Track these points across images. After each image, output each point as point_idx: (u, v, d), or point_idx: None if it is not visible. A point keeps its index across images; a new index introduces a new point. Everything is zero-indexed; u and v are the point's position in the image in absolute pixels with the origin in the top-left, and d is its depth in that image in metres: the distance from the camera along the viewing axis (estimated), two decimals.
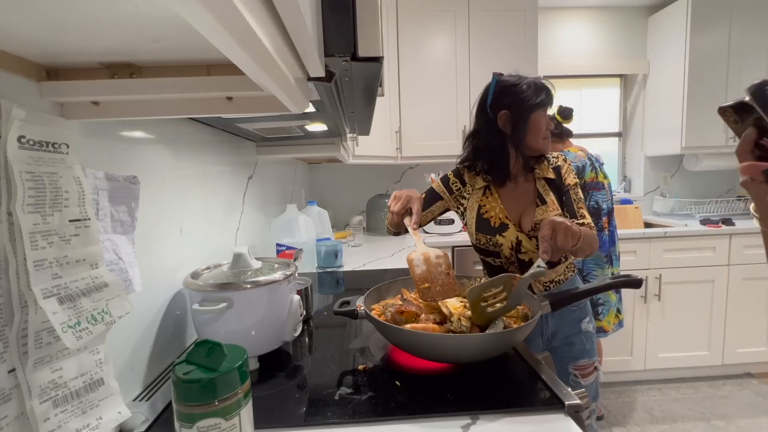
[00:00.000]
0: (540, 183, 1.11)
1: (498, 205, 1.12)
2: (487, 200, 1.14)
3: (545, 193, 1.10)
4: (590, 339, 1.15)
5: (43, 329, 0.41)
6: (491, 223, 1.12)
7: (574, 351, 1.14)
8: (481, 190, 1.15)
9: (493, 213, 1.12)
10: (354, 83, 0.63)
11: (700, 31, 2.44)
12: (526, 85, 1.07)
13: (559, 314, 1.12)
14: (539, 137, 1.08)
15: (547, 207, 1.08)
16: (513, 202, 1.12)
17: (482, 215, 1.13)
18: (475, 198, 1.16)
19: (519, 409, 0.60)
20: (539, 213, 1.07)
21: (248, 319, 0.72)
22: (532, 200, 1.10)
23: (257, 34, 0.28)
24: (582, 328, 1.15)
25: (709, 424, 1.97)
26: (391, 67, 2.33)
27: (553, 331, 1.14)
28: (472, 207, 1.16)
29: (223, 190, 1.10)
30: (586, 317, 1.16)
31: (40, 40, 0.39)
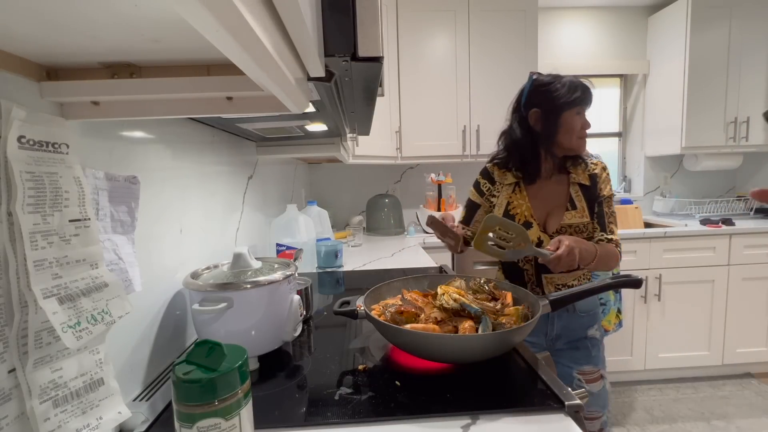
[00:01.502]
0: (573, 187, 1.10)
1: (525, 203, 1.12)
2: (516, 197, 1.14)
3: (577, 198, 1.09)
4: (596, 346, 1.14)
5: (43, 329, 0.41)
6: (516, 220, 1.12)
7: (578, 356, 1.12)
8: (511, 186, 1.16)
9: (519, 210, 1.12)
10: (354, 83, 0.63)
11: (700, 31, 2.44)
12: (561, 83, 1.06)
13: (567, 318, 1.12)
14: (572, 136, 1.07)
15: (577, 213, 1.08)
16: (541, 202, 1.11)
17: (509, 211, 1.14)
18: (505, 194, 1.16)
19: (519, 409, 0.60)
20: (567, 217, 1.07)
21: (248, 319, 0.72)
22: (562, 203, 1.09)
23: (257, 34, 0.28)
24: (588, 334, 1.13)
25: (709, 424, 1.97)
26: (391, 67, 2.33)
27: (558, 333, 1.14)
28: (501, 204, 1.16)
29: (223, 190, 1.10)
30: (594, 324, 1.15)
31: (40, 40, 0.39)
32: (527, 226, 1.10)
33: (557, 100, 1.06)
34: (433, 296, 0.85)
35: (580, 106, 1.07)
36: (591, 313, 1.14)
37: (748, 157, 2.72)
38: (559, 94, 1.06)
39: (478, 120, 2.44)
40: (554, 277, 1.11)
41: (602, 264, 1.01)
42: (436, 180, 2.47)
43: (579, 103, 1.06)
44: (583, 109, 1.08)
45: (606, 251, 1.02)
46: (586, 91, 1.07)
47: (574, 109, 1.07)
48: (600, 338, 1.16)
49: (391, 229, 2.57)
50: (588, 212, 1.08)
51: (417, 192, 2.80)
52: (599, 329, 1.16)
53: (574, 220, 1.07)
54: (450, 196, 2.49)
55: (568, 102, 1.06)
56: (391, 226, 2.58)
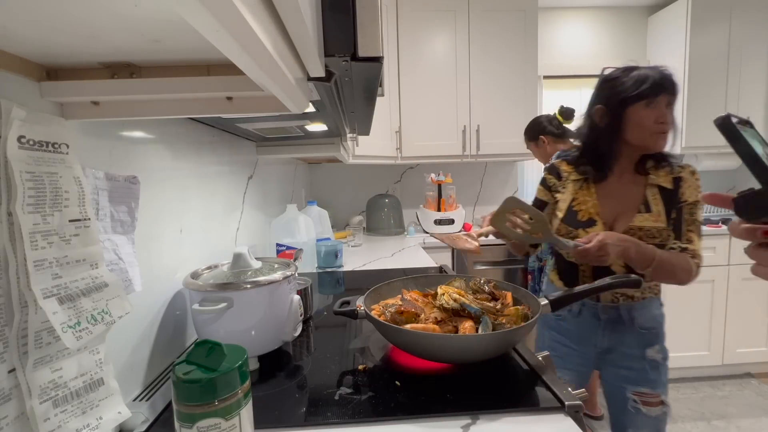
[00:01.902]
0: (651, 189, 1.02)
1: (592, 200, 1.06)
2: (582, 193, 1.08)
3: (654, 201, 1.01)
4: (656, 369, 1.04)
5: (43, 329, 0.41)
6: (578, 216, 1.06)
7: (632, 377, 1.05)
8: (578, 182, 1.10)
9: (584, 207, 1.06)
10: (354, 83, 0.63)
11: (700, 31, 2.44)
12: (628, 76, 0.98)
13: (623, 331, 1.05)
14: (642, 132, 0.98)
15: (651, 216, 0.99)
16: (611, 201, 1.04)
17: (572, 207, 1.08)
18: (570, 190, 1.11)
19: (519, 409, 0.60)
20: (639, 219, 0.99)
21: (248, 319, 0.72)
22: (635, 205, 1.02)
23: (257, 34, 0.28)
24: (647, 355, 1.04)
25: (709, 424, 1.97)
26: (391, 67, 2.33)
27: (608, 346, 1.07)
28: (565, 199, 1.11)
29: (223, 190, 1.10)
30: (655, 345, 1.05)
31: (40, 40, 0.39)
32: (590, 223, 1.04)
33: (620, 95, 0.98)
34: (433, 296, 0.85)
35: (650, 99, 0.96)
36: (653, 331, 1.05)
37: None
38: (624, 87, 0.98)
39: (478, 120, 2.44)
40: None
41: (666, 274, 0.93)
42: (436, 180, 2.47)
43: (647, 95, 0.96)
44: (656, 101, 0.96)
45: (675, 260, 0.94)
46: (658, 81, 0.96)
47: (641, 102, 0.97)
48: (662, 360, 1.05)
49: (391, 229, 2.57)
50: (665, 217, 0.99)
51: (417, 192, 2.80)
52: (662, 351, 1.06)
53: (646, 224, 0.98)
54: (450, 196, 2.49)
55: (632, 96, 0.97)
56: (391, 226, 2.58)
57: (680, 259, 0.95)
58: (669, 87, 0.96)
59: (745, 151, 0.33)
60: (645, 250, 0.92)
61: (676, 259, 0.95)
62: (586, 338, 1.09)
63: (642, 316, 1.05)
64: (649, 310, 1.05)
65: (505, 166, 2.88)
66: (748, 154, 0.33)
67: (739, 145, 0.33)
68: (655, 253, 0.92)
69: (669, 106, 0.97)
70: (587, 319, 1.09)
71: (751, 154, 0.33)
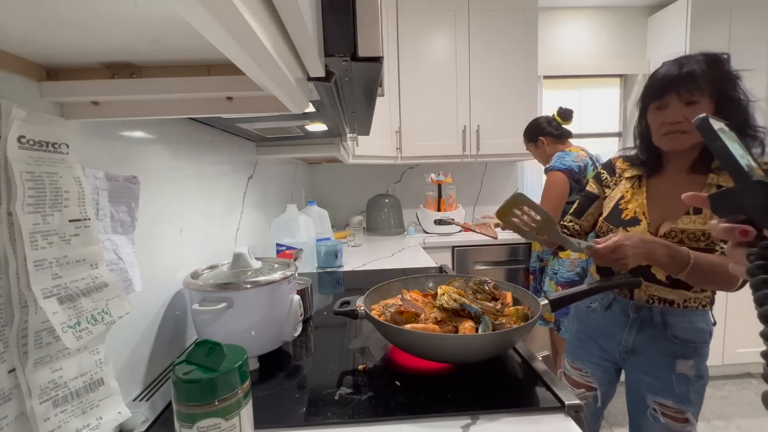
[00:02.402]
0: (709, 190, 0.91)
1: (641, 199, 1.00)
2: (632, 191, 1.02)
3: None
4: (685, 384, 0.95)
5: (43, 329, 0.41)
6: (622, 215, 1.01)
7: (657, 385, 0.97)
8: (632, 180, 1.04)
9: (631, 205, 1.01)
10: (354, 83, 0.63)
11: (700, 31, 2.44)
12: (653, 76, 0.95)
13: (651, 333, 0.98)
14: (656, 134, 0.95)
15: (699, 218, 0.90)
16: (662, 201, 0.97)
17: (618, 205, 1.03)
18: (621, 187, 1.06)
19: (519, 409, 0.60)
20: (684, 221, 0.91)
21: (248, 319, 0.72)
22: (686, 206, 0.93)
23: (257, 34, 0.28)
24: (677, 367, 0.95)
25: (709, 424, 1.97)
26: (391, 67, 2.33)
27: (633, 347, 1.01)
28: (614, 196, 1.06)
29: (223, 190, 1.10)
30: (690, 360, 0.95)
31: (40, 41, 0.39)
32: (634, 222, 0.98)
33: (643, 98, 0.97)
34: (433, 296, 0.85)
35: (656, 101, 0.93)
36: (690, 345, 0.95)
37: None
38: (644, 90, 0.96)
39: (478, 120, 2.44)
40: (651, 287, 0.96)
41: (707, 278, 0.86)
42: (436, 180, 2.47)
43: (652, 98, 0.93)
44: (663, 102, 0.91)
45: (715, 265, 0.84)
46: (664, 81, 0.91)
47: (652, 104, 0.94)
48: (695, 379, 0.95)
49: (391, 229, 2.57)
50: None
51: (417, 192, 2.80)
52: (696, 368, 0.96)
53: (691, 226, 0.90)
54: (450, 196, 2.49)
55: (644, 98, 0.96)
56: (391, 226, 2.58)
57: (723, 262, 0.84)
58: (680, 84, 0.88)
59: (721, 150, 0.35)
60: (676, 253, 0.84)
61: (719, 263, 0.84)
62: (611, 334, 1.05)
63: (679, 324, 0.96)
64: (689, 320, 0.96)
65: (505, 166, 2.88)
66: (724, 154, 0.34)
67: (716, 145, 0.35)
68: (689, 256, 0.84)
69: (690, 104, 0.88)
70: (616, 315, 1.04)
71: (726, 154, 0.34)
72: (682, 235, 0.91)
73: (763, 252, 0.34)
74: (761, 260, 0.34)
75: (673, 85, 0.89)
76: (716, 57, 0.91)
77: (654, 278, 0.96)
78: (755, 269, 0.34)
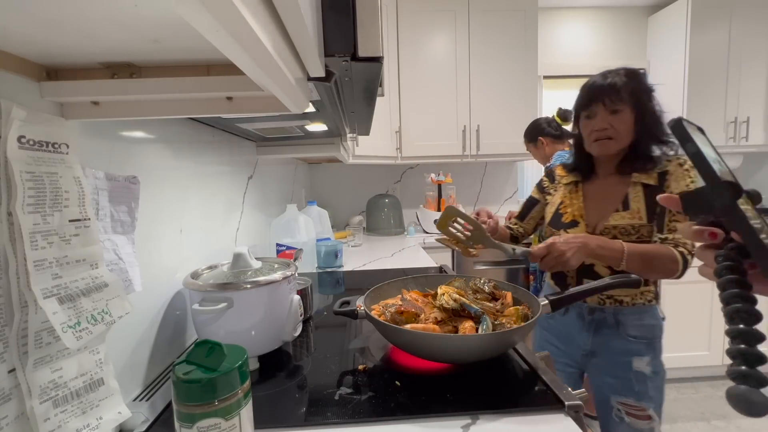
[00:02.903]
0: (634, 187, 1.00)
1: (578, 203, 1.08)
2: (570, 196, 1.11)
3: (635, 199, 0.99)
4: (643, 382, 0.99)
5: (43, 329, 0.41)
6: (563, 218, 1.09)
7: (617, 384, 1.01)
8: (570, 186, 1.13)
9: (570, 209, 1.09)
10: (354, 83, 0.63)
11: (700, 31, 2.44)
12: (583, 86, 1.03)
13: (608, 335, 1.03)
14: (587, 141, 1.04)
15: (628, 214, 0.99)
16: (596, 202, 1.06)
17: (559, 210, 1.12)
18: (560, 193, 1.14)
19: (519, 409, 0.60)
20: (615, 218, 1.00)
21: (248, 319, 0.72)
22: (616, 204, 1.01)
23: (257, 34, 0.28)
24: (634, 365, 1.00)
25: (709, 424, 1.97)
26: (391, 67, 2.33)
27: (593, 349, 1.05)
28: (554, 202, 1.15)
29: (223, 190, 1.10)
30: (645, 356, 1.00)
31: (40, 41, 0.39)
32: (573, 225, 1.06)
33: (574, 108, 1.06)
34: (433, 296, 0.85)
35: (585, 110, 1.02)
36: (643, 341, 1.00)
37: (748, 157, 2.72)
38: (576, 99, 1.05)
39: (478, 120, 2.44)
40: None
41: (645, 266, 0.91)
42: (436, 180, 2.47)
43: (582, 107, 1.02)
44: (592, 111, 1.00)
45: (652, 251, 0.91)
46: (590, 92, 0.99)
47: (582, 114, 1.03)
48: (653, 375, 0.99)
49: (391, 229, 2.57)
50: (645, 214, 0.97)
51: (417, 192, 2.80)
52: (653, 364, 1.00)
53: (621, 222, 0.98)
54: (450, 196, 2.49)
55: (576, 108, 1.05)
56: (391, 226, 2.58)
57: (658, 248, 0.92)
58: (604, 94, 0.97)
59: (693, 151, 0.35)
60: (608, 242, 0.92)
61: (654, 250, 0.92)
62: (571, 338, 1.09)
63: (630, 322, 1.01)
64: (640, 318, 1.01)
65: (505, 166, 2.88)
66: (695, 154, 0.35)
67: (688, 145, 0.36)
68: (622, 246, 0.91)
69: (614, 113, 0.97)
70: (572, 319, 1.09)
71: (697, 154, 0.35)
72: (615, 230, 1.00)
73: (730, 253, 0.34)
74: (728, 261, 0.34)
75: (598, 95, 0.98)
76: (634, 71, 1.00)
77: (598, 276, 1.02)
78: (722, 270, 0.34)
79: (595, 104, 0.99)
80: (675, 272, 0.92)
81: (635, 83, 0.97)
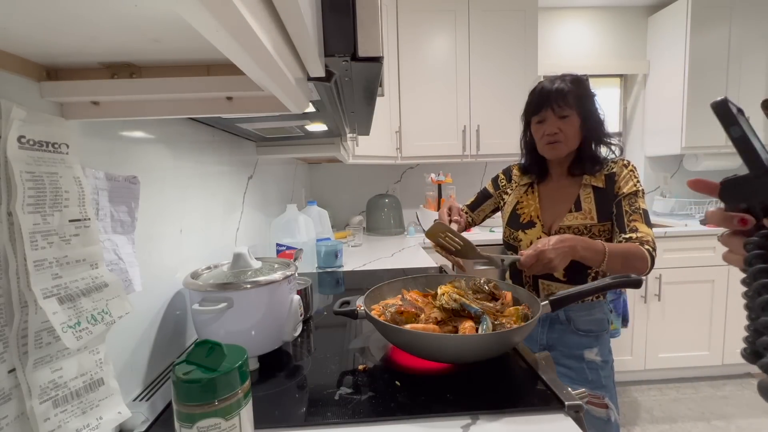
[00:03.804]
0: (584, 189, 1.06)
1: (534, 204, 1.12)
2: (527, 197, 1.15)
3: (586, 200, 1.05)
4: (595, 371, 1.05)
5: (43, 329, 0.41)
6: (520, 219, 1.13)
7: (573, 375, 1.07)
8: (525, 187, 1.17)
9: (527, 210, 1.13)
10: (354, 83, 0.63)
11: (700, 31, 2.44)
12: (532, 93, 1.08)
13: (560, 330, 1.08)
14: (539, 144, 1.08)
15: (580, 215, 1.04)
16: (550, 203, 1.11)
17: (516, 210, 1.16)
18: (516, 194, 1.19)
19: (519, 409, 0.60)
20: (568, 219, 1.05)
21: (248, 319, 0.72)
22: (569, 205, 1.07)
23: (257, 34, 0.28)
24: (585, 355, 1.06)
25: (709, 424, 1.97)
26: (391, 67, 2.33)
27: (549, 344, 1.10)
28: (511, 202, 1.19)
29: (223, 190, 1.10)
30: (595, 347, 1.06)
31: (40, 41, 0.39)
32: (531, 225, 1.10)
33: (525, 113, 1.11)
34: (433, 296, 0.85)
35: (536, 116, 1.07)
36: (591, 334, 1.06)
37: None
38: (526, 105, 1.10)
39: (478, 120, 2.44)
40: (551, 284, 1.08)
41: (621, 265, 0.93)
42: (436, 180, 2.47)
43: (533, 113, 1.07)
44: (542, 116, 1.05)
45: (626, 249, 0.94)
46: (540, 98, 1.05)
47: (533, 119, 1.08)
48: (603, 364, 1.06)
49: (391, 229, 2.57)
50: (596, 214, 1.03)
51: (417, 192, 2.80)
52: (602, 354, 1.07)
53: (574, 222, 1.04)
54: (450, 196, 2.49)
55: (526, 113, 1.10)
56: (391, 226, 2.58)
57: (630, 247, 0.95)
58: (552, 100, 1.02)
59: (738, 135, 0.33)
60: (592, 245, 0.92)
61: (627, 249, 0.94)
62: (531, 336, 1.13)
63: (580, 318, 1.06)
64: (589, 312, 1.07)
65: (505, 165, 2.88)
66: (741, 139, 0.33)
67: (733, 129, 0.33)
68: (604, 246, 0.92)
69: (562, 117, 1.02)
70: None
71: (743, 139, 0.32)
72: (569, 231, 1.04)
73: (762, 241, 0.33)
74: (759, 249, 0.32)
75: (547, 101, 1.03)
76: (579, 78, 1.06)
77: (552, 277, 1.07)
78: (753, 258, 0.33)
79: (544, 110, 1.04)
80: (645, 269, 0.95)
81: (580, 89, 1.03)
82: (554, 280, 1.07)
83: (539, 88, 1.06)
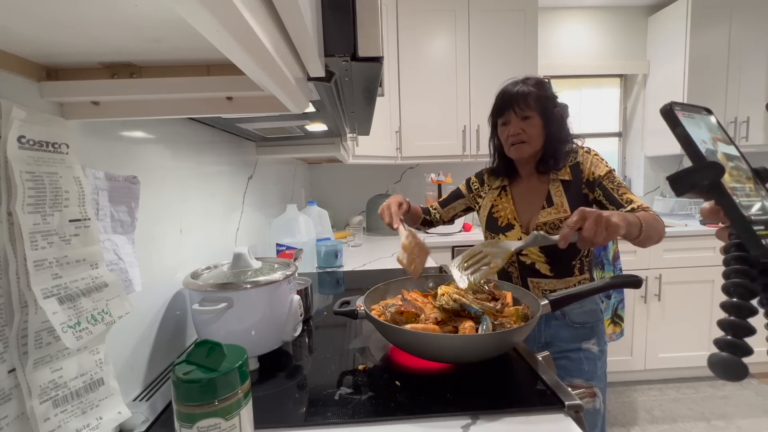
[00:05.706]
0: (553, 185, 1.08)
1: (510, 206, 1.13)
2: (501, 200, 1.16)
3: (556, 194, 1.06)
4: (591, 360, 1.07)
5: (43, 329, 0.41)
6: (498, 222, 1.14)
7: (569, 367, 1.08)
8: (498, 190, 1.19)
9: (503, 213, 1.14)
10: (354, 83, 0.63)
11: (700, 31, 2.44)
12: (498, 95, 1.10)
13: (557, 327, 1.09)
14: (505, 145, 1.11)
15: (553, 209, 1.05)
16: (524, 203, 1.12)
17: (492, 214, 1.17)
18: (490, 197, 1.19)
19: (519, 409, 0.60)
20: (542, 215, 1.06)
21: (248, 319, 0.72)
22: (542, 202, 1.08)
23: (257, 34, 0.28)
24: (582, 346, 1.08)
25: (709, 424, 1.97)
26: (391, 67, 2.33)
27: (547, 341, 1.11)
28: (486, 206, 1.20)
29: (223, 190, 1.10)
30: (592, 339, 1.09)
31: (40, 41, 0.39)
32: (509, 228, 1.11)
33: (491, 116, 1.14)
34: (433, 296, 0.85)
35: (501, 116, 1.09)
36: (587, 326, 1.09)
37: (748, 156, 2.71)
38: (492, 108, 1.12)
39: (478, 120, 2.44)
40: (541, 281, 1.08)
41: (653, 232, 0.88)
42: (436, 180, 2.47)
43: (497, 115, 1.10)
44: (506, 118, 1.07)
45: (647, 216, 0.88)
46: (502, 101, 1.07)
47: (498, 121, 1.11)
48: (599, 353, 1.09)
49: (391, 229, 2.56)
50: (569, 206, 1.03)
51: (417, 192, 2.80)
52: (598, 343, 1.10)
53: (549, 218, 1.05)
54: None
55: (492, 116, 1.13)
56: None
57: (646, 215, 0.90)
58: (514, 102, 1.05)
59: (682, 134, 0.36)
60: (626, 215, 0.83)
61: (646, 216, 0.89)
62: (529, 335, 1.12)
63: (573, 310, 1.08)
64: (581, 304, 1.08)
65: None
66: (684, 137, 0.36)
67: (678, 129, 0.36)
68: (636, 217, 0.85)
69: (525, 119, 1.05)
70: None
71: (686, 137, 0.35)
72: (545, 227, 1.05)
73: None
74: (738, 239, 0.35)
75: (510, 103, 1.06)
76: (540, 80, 1.08)
77: (540, 273, 1.08)
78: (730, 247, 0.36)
79: (507, 112, 1.07)
80: (665, 233, 0.94)
81: (541, 91, 1.05)
82: (542, 276, 1.08)
83: (502, 90, 1.10)
